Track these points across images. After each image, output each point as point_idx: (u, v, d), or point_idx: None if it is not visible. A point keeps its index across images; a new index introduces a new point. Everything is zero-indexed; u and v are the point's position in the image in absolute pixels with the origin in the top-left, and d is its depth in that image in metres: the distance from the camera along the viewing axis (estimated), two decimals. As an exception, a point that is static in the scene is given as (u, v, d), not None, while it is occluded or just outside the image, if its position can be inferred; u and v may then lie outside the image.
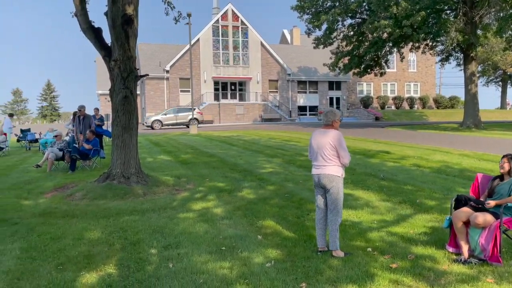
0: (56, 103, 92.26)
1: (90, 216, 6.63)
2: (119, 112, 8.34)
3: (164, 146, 18.34)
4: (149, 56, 42.45)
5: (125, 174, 8.28)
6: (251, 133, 25.20)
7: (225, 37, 41.74)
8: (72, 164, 11.15)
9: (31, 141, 18.40)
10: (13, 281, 4.21)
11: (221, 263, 4.64)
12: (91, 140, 11.65)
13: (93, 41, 8.50)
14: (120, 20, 8.06)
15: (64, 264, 4.64)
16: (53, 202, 7.64)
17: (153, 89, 40.09)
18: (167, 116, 34.72)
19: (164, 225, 6.05)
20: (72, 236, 5.62)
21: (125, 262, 4.70)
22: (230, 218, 6.42)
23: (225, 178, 9.84)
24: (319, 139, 4.88)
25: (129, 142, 8.43)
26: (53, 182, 9.57)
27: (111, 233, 5.73)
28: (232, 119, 40.51)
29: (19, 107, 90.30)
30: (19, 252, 5.02)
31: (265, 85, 43.25)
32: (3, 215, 6.75)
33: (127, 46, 8.23)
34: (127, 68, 8.28)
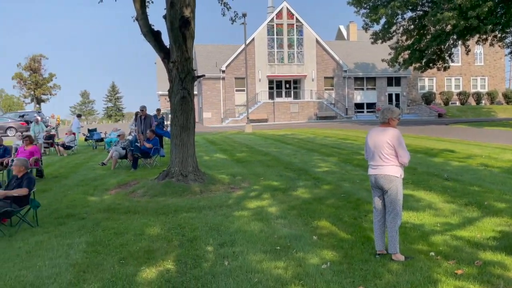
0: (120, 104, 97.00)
1: (151, 212, 6.88)
2: (177, 112, 8.59)
3: (220, 144, 18.67)
4: (205, 57, 43.41)
5: (183, 172, 8.51)
6: (306, 132, 24.99)
7: (280, 35, 41.69)
8: (134, 162, 11.66)
9: (97, 140, 19.49)
10: (80, 273, 4.45)
11: (276, 263, 4.62)
12: (152, 139, 12.11)
13: (153, 44, 8.81)
14: (178, 22, 8.29)
15: (126, 259, 4.84)
16: (116, 199, 8.02)
17: (209, 89, 40.97)
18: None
19: (220, 223, 6.14)
20: (134, 231, 5.86)
21: (183, 259, 4.82)
22: (285, 218, 6.38)
23: (280, 176, 9.82)
24: (376, 137, 4.70)
25: (187, 141, 8.65)
26: (117, 179, 10.06)
27: (169, 230, 5.91)
28: (287, 118, 40.40)
29: (87, 108, 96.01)
30: (85, 246, 5.31)
31: (320, 83, 42.68)
32: (72, 210, 7.19)
33: (184, 47, 8.44)
34: (185, 69, 8.50)
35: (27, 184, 6.30)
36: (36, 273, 4.48)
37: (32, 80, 67.01)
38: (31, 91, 67.57)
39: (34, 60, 67.63)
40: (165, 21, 8.54)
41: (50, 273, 4.47)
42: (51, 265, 4.67)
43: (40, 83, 67.69)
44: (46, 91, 68.90)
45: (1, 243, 5.52)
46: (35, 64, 67.58)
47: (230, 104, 40.94)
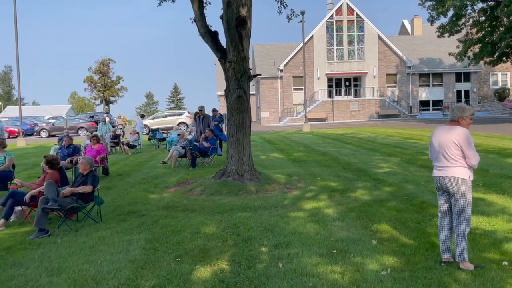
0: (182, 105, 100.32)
1: (207, 211, 6.95)
2: (233, 111, 8.62)
3: (277, 144, 18.61)
4: (263, 56, 43.60)
5: (239, 172, 8.53)
6: (366, 130, 24.23)
7: (339, 32, 40.84)
8: (193, 161, 11.92)
9: (160, 139, 20.22)
10: (138, 269, 4.56)
11: (332, 267, 4.44)
12: (210, 139, 12.31)
13: (210, 44, 8.91)
14: (234, 22, 8.31)
15: (182, 257, 4.90)
16: (175, 197, 8.21)
17: (267, 89, 41.07)
18: (155, 120, 33.58)
19: (275, 224, 6.05)
20: (190, 229, 5.93)
21: (237, 259, 4.78)
22: (343, 220, 6.15)
23: (338, 177, 9.54)
24: (441, 136, 4.35)
25: (243, 141, 8.66)
26: (176, 178, 10.32)
27: (225, 229, 5.91)
28: (347, 116, 39.48)
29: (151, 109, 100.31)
30: (144, 243, 5.45)
31: (382, 80, 41.23)
32: (133, 207, 7.45)
33: (240, 47, 8.45)
34: (241, 69, 8.50)
35: (92, 181, 6.61)
36: (98, 267, 4.65)
37: (101, 82, 71.23)
38: (100, 93, 71.86)
39: (103, 64, 71.84)
40: (222, 21, 8.60)
41: (110, 268, 4.62)
42: (112, 261, 4.84)
43: (109, 86, 71.76)
44: (114, 93, 72.94)
45: (68, 237, 5.82)
46: (104, 68, 71.77)
47: (288, 103, 40.77)
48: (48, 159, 7.13)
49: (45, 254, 5.16)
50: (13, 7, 25.77)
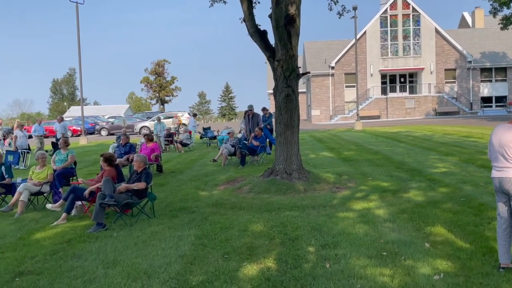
0: (233, 103, 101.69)
1: (255, 209, 7.00)
2: (282, 110, 8.62)
3: (327, 142, 18.36)
4: (314, 53, 43.13)
5: (287, 170, 8.51)
6: (422, 129, 23.28)
7: (394, 27, 39.50)
8: (242, 159, 12.05)
9: (211, 138, 20.62)
10: (187, 265, 4.69)
11: (382, 270, 4.32)
12: (259, 137, 12.38)
13: (259, 44, 8.96)
14: (283, 20, 8.29)
15: (229, 254, 4.98)
16: (224, 194, 8.35)
17: (318, 86, 40.59)
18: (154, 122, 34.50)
19: (323, 223, 5.98)
20: (238, 227, 6.01)
21: (284, 258, 4.78)
22: (394, 221, 5.96)
23: (390, 177, 9.25)
24: (502, 135, 4.09)
25: (291, 139, 8.64)
26: (226, 176, 10.49)
27: (272, 227, 5.93)
28: (401, 114, 38.14)
29: (203, 108, 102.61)
30: (193, 239, 5.60)
31: (440, 75, 39.38)
32: (185, 204, 7.67)
33: (289, 45, 8.42)
34: (289, 67, 8.48)
35: (145, 178, 6.88)
36: (150, 261, 4.84)
37: (157, 83, 73.84)
38: (156, 93, 74.51)
39: (158, 65, 74.44)
40: (271, 20, 8.62)
41: (161, 262, 4.79)
42: (163, 255, 5.01)
43: (164, 86, 74.25)
44: (168, 93, 75.36)
45: (123, 232, 6.10)
46: (159, 69, 74.34)
47: (340, 100, 40.07)
48: (106, 157, 7.51)
49: (102, 247, 5.44)
50: (75, 15, 27.35)
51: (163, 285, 4.20)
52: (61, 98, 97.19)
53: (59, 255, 5.22)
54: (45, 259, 5.08)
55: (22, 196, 7.54)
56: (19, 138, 15.52)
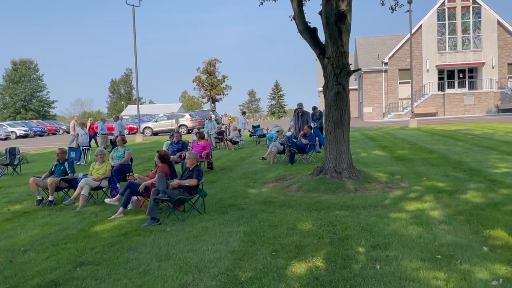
0: (283, 101, 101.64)
1: (303, 207, 6.98)
2: (332, 108, 8.50)
3: (379, 141, 17.87)
4: (367, 49, 42.08)
5: (337, 169, 8.40)
6: (482, 126, 22.04)
7: (452, 20, 37.65)
8: (291, 158, 12.03)
9: (260, 136, 20.75)
10: (236, 261, 4.78)
11: (435, 273, 4.16)
12: (308, 135, 12.30)
13: (309, 41, 8.89)
14: (334, 17, 8.17)
15: (277, 251, 5.00)
16: (273, 192, 8.38)
17: (370, 83, 39.58)
18: (158, 123, 34.51)
19: (374, 224, 5.85)
20: (286, 225, 6.02)
21: (332, 257, 4.73)
22: (450, 223, 5.71)
23: (446, 177, 8.86)
24: None
25: (341, 138, 8.50)
26: (275, 174, 10.52)
27: (321, 226, 5.89)
28: (460, 111, 36.33)
29: (253, 106, 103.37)
30: (242, 235, 5.68)
31: (503, 70, 37.04)
32: (234, 201, 7.79)
33: (340, 42, 8.29)
34: (340, 64, 8.35)
35: (197, 175, 7.07)
36: (200, 256, 4.98)
37: (208, 82, 75.34)
38: (207, 92, 76.04)
39: (210, 64, 75.89)
40: (321, 17, 8.52)
41: (211, 257, 4.91)
42: (213, 250, 5.13)
43: (215, 85, 75.60)
44: (219, 92, 76.63)
45: (176, 226, 6.31)
46: (211, 68, 75.78)
47: (393, 97, 38.83)
48: (161, 154, 7.79)
49: (155, 240, 5.67)
50: (132, 17, 28.51)
51: (213, 279, 4.31)
52: (118, 97, 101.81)
53: (116, 247, 5.49)
54: (103, 251, 5.37)
55: (83, 191, 8.00)
56: (80, 136, 16.47)
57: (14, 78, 78.39)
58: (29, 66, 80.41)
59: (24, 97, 78.70)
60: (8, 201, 9.11)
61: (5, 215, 7.74)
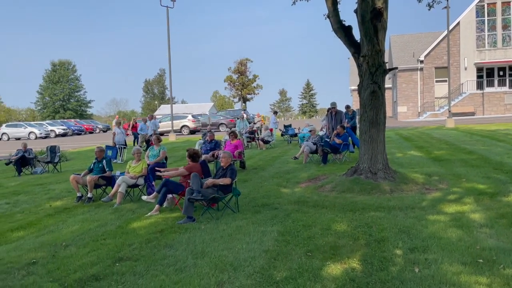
0: (314, 101, 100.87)
1: (338, 208, 6.90)
2: (367, 107, 8.37)
3: (415, 141, 17.44)
4: (401, 47, 41.15)
5: (372, 169, 8.25)
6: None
7: (492, 16, 36.26)
8: (324, 157, 11.92)
9: (292, 135, 20.67)
10: (271, 260, 4.78)
11: (477, 278, 4.03)
12: (342, 135, 12.15)
13: (343, 40, 8.78)
14: (369, 15, 8.04)
15: (312, 252, 4.97)
16: (306, 192, 8.33)
17: (405, 82, 38.66)
18: (162, 123, 33.77)
19: (411, 226, 5.72)
20: (321, 225, 5.97)
21: (369, 259, 4.66)
22: (491, 227, 5.51)
23: (487, 179, 8.54)
24: None
25: (376, 137, 8.35)
26: (307, 173, 10.45)
27: (356, 227, 5.81)
28: (500, 110, 34.96)
29: (284, 105, 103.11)
30: (276, 235, 5.68)
31: (547, 67, 35.34)
32: (267, 200, 7.79)
33: (375, 40, 8.15)
34: (375, 63, 8.20)
35: (230, 174, 7.12)
36: (235, 254, 5.01)
37: (239, 81, 75.76)
38: (238, 91, 76.48)
39: (241, 64, 76.29)
40: (356, 15, 8.40)
41: (246, 256, 4.93)
42: (247, 249, 5.15)
43: (246, 84, 75.94)
44: (250, 91, 76.92)
45: (210, 225, 6.38)
46: (242, 67, 76.17)
47: (429, 96, 37.80)
48: (190, 152, 7.91)
49: (191, 238, 5.75)
50: (166, 19, 29.01)
51: (249, 278, 4.33)
52: (152, 97, 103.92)
53: (153, 243, 5.61)
54: (141, 247, 5.49)
55: (120, 188, 8.23)
56: (117, 135, 16.92)
57: (53, 78, 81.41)
58: (68, 67, 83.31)
59: (63, 97, 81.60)
60: (50, 197, 9.48)
61: (47, 211, 8.06)
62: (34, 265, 5.04)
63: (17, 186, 11.41)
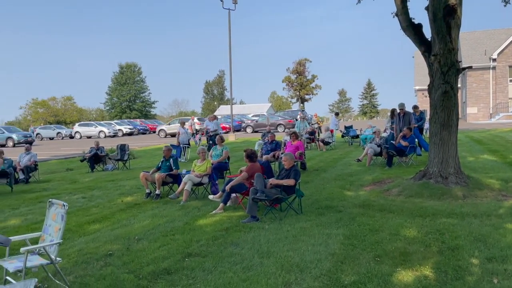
0: (375, 101, 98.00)
1: (406, 213, 6.66)
2: (438, 108, 7.99)
3: (487, 144, 16.39)
4: (472, 45, 38.85)
5: (442, 174, 7.87)
6: None
7: None
8: (389, 160, 11.55)
9: (353, 136, 20.24)
10: (338, 263, 4.71)
11: None
12: (408, 137, 11.70)
13: (413, 38, 8.46)
14: (442, 12, 7.68)
15: (380, 257, 4.84)
16: (371, 195, 8.12)
17: (475, 81, 36.45)
18: (171, 125, 37.55)
19: (488, 234, 5.38)
20: (389, 230, 5.79)
21: (442, 267, 4.46)
22: None
23: None
24: None
25: (448, 140, 7.95)
26: (372, 176, 10.18)
27: (427, 234, 5.57)
28: None
29: (343, 106, 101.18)
30: (342, 238, 5.59)
31: None
32: (330, 203, 7.70)
33: (448, 38, 7.77)
34: (448, 62, 7.81)
35: (294, 175, 7.12)
36: (301, 256, 5.00)
37: (297, 82, 75.45)
38: (296, 91, 76.19)
39: (299, 64, 75.93)
40: (427, 12, 8.05)
41: (312, 258, 4.90)
42: (313, 251, 5.12)
43: (304, 84, 75.46)
44: (309, 92, 76.33)
45: (274, 225, 6.42)
46: (300, 68, 75.79)
47: (502, 97, 35.34)
48: (248, 153, 7.99)
49: (255, 237, 5.82)
50: (227, 21, 29.60)
51: (316, 280, 4.30)
52: (211, 98, 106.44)
53: (219, 241, 5.75)
54: (208, 244, 5.65)
55: (186, 186, 8.51)
56: (181, 135, 17.52)
57: (121, 80, 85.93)
58: (134, 69, 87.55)
59: (129, 97, 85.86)
60: (121, 193, 10.02)
61: (119, 206, 8.53)
62: (111, 257, 5.35)
63: (91, 182, 12.18)
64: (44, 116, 71.55)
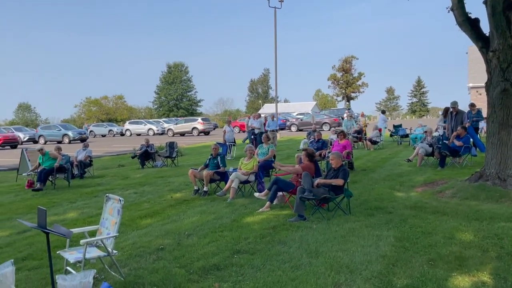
0: (425, 99, 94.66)
1: (461, 216, 6.39)
2: (496, 107, 7.60)
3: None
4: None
5: (500, 176, 7.48)
6: None
7: None
8: (442, 161, 11.11)
9: (402, 136, 19.67)
10: (389, 266, 4.60)
11: None
12: (462, 137, 11.21)
13: (469, 33, 8.09)
14: (501, 5, 7.29)
15: (434, 261, 4.68)
16: (423, 197, 7.86)
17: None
18: (178, 125, 39.72)
19: (553, 241, 5.06)
20: (443, 234, 5.59)
21: (502, 273, 4.24)
22: None
23: None
24: None
25: (507, 140, 7.54)
26: (423, 177, 9.85)
27: (484, 238, 5.32)
28: None
29: (391, 104, 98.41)
30: (393, 240, 5.45)
31: None
32: (380, 203, 7.53)
33: (508, 33, 7.36)
34: (508, 58, 7.41)
35: (343, 175, 7.02)
36: (350, 257, 4.93)
37: (343, 79, 74.27)
38: (342, 90, 75.03)
39: (346, 62, 74.73)
40: (485, 6, 7.67)
41: (362, 259, 4.82)
42: (363, 253, 5.04)
43: (350, 82, 74.18)
44: (355, 89, 74.98)
45: (321, 225, 6.37)
46: (346, 65, 74.60)
47: None
48: (309, 152, 7.97)
49: (303, 236, 5.80)
50: (273, 21, 29.61)
51: (366, 282, 4.23)
52: (256, 96, 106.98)
53: (267, 239, 5.78)
54: (255, 241, 5.70)
55: (233, 184, 8.62)
56: (227, 133, 17.75)
57: (168, 79, 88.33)
58: (181, 69, 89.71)
59: (176, 96, 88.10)
60: (170, 189, 10.32)
61: (169, 202, 8.78)
62: (162, 251, 5.53)
63: (141, 178, 12.63)
64: (96, 114, 74.89)
